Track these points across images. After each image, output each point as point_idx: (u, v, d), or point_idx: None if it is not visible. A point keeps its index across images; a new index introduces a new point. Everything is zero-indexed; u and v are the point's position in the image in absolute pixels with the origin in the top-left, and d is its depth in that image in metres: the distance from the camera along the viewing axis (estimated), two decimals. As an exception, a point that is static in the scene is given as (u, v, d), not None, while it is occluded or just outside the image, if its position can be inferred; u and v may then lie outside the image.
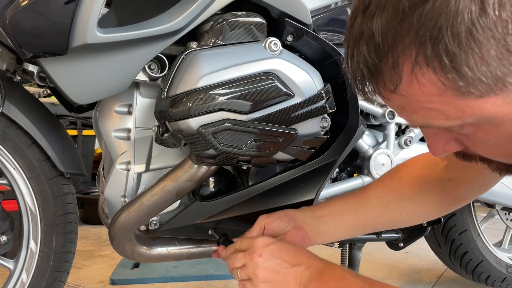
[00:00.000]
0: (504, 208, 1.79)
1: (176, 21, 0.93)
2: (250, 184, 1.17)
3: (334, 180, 1.37)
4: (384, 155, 1.31)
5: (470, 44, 0.47)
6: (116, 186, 1.10)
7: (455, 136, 0.60)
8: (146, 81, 1.02)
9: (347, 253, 1.47)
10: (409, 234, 1.37)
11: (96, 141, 2.82)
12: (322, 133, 1.05)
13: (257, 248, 0.89)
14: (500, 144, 0.57)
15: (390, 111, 1.32)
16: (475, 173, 0.93)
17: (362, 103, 1.28)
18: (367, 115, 1.35)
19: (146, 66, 0.98)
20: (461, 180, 0.96)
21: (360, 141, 1.29)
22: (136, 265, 2.08)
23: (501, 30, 0.46)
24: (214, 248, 1.17)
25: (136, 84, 1.06)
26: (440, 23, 0.47)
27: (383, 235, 1.37)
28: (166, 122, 0.97)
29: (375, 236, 1.36)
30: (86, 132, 3.00)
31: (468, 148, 0.62)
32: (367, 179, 1.32)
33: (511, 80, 0.49)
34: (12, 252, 1.17)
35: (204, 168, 1.04)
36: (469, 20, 0.46)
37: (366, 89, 0.57)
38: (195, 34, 1.02)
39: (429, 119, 0.55)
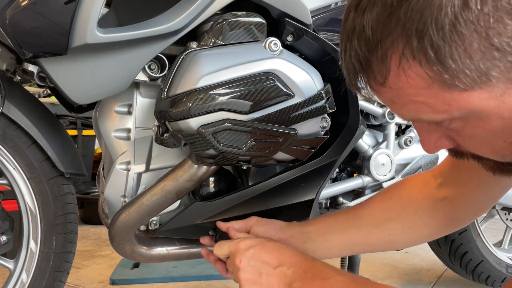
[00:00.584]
0: (504, 208, 1.79)
1: (176, 21, 0.93)
2: (250, 184, 1.17)
3: (334, 180, 1.37)
4: (384, 155, 1.31)
5: (453, 37, 0.49)
6: (116, 186, 1.10)
7: (446, 133, 0.61)
8: (146, 81, 1.02)
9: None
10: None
11: (96, 141, 2.82)
12: (322, 133, 1.05)
13: (238, 253, 0.87)
14: (488, 140, 0.58)
15: (390, 111, 1.32)
16: (469, 190, 0.90)
17: (362, 103, 1.28)
18: (367, 115, 1.35)
19: (146, 66, 0.98)
20: (455, 198, 0.92)
21: (360, 141, 1.29)
22: (136, 265, 2.08)
23: (483, 24, 0.48)
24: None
25: (136, 84, 1.06)
26: (425, 17, 0.49)
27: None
28: (166, 122, 0.97)
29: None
30: (86, 132, 3.00)
31: (459, 145, 0.62)
32: (367, 179, 1.32)
33: (495, 74, 0.50)
34: (12, 252, 1.17)
35: (204, 168, 1.04)
36: (452, 13, 0.48)
37: (359, 84, 0.59)
38: (195, 34, 1.02)
39: (418, 113, 0.56)
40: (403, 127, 1.43)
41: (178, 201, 1.11)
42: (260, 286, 0.84)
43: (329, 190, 1.29)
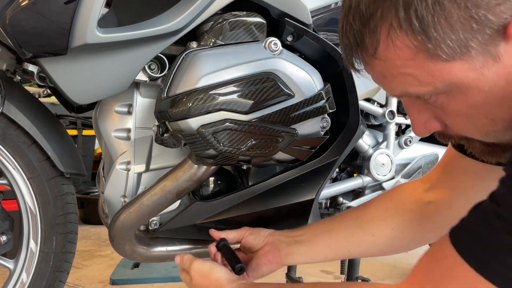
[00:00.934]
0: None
1: (176, 21, 0.93)
2: (250, 184, 1.17)
3: (334, 180, 1.37)
4: (384, 155, 1.31)
5: (436, 8, 0.53)
6: (116, 186, 1.10)
7: (434, 113, 0.64)
8: (146, 81, 1.02)
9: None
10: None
11: (96, 141, 2.82)
12: (322, 133, 1.05)
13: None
14: (471, 116, 0.60)
15: (390, 111, 1.32)
16: (456, 195, 0.89)
17: (362, 103, 1.28)
18: (367, 115, 1.35)
19: (146, 66, 0.98)
20: (441, 203, 0.92)
21: (360, 141, 1.29)
22: (136, 265, 2.08)
23: None
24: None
25: (136, 84, 1.06)
26: None
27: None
28: (166, 122, 0.97)
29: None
30: (86, 132, 3.00)
31: (447, 127, 0.65)
32: (367, 179, 1.32)
33: (474, 45, 0.54)
34: (12, 252, 1.17)
35: (204, 168, 1.04)
36: None
37: (354, 61, 0.64)
38: (195, 34, 1.02)
39: (406, 86, 0.60)
40: (403, 127, 1.43)
41: (178, 201, 1.11)
42: None
43: (329, 190, 1.29)
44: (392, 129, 1.34)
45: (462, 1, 0.53)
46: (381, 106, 1.33)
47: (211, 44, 0.97)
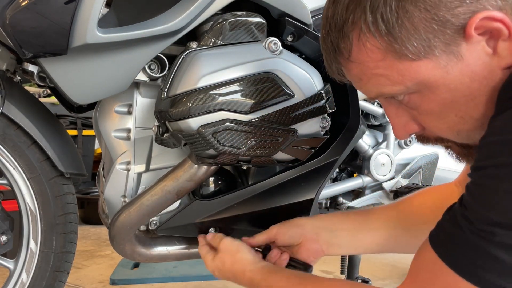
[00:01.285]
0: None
1: (176, 21, 0.93)
2: (250, 183, 1.16)
3: (334, 180, 1.37)
4: (384, 155, 1.31)
5: (399, 11, 0.58)
6: (116, 186, 1.09)
7: (411, 116, 0.68)
8: (146, 81, 1.02)
9: (347, 253, 1.47)
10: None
11: (96, 141, 2.82)
12: (322, 133, 1.05)
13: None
14: (443, 115, 0.64)
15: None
16: None
17: (363, 103, 1.28)
18: (367, 115, 1.35)
19: (146, 66, 0.98)
20: None
21: (360, 141, 1.29)
22: (136, 265, 2.08)
23: None
24: None
25: (136, 84, 1.06)
26: None
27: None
28: (166, 122, 0.97)
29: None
30: (86, 132, 3.00)
31: (424, 129, 0.69)
32: (367, 179, 1.32)
33: (437, 45, 0.59)
34: (12, 252, 1.17)
35: (204, 168, 1.04)
36: None
37: (334, 67, 0.69)
38: (195, 34, 1.02)
39: (380, 86, 0.64)
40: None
41: (178, 201, 1.11)
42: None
43: (329, 190, 1.29)
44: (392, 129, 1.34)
45: (422, 4, 0.58)
46: (381, 106, 1.33)
47: (211, 44, 0.97)
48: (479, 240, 0.55)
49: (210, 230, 1.12)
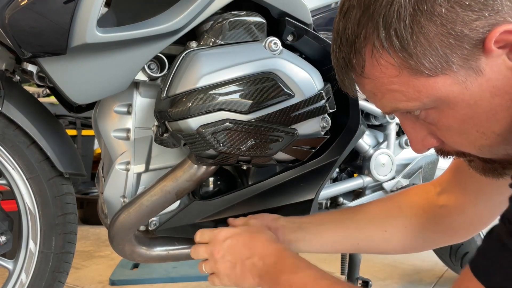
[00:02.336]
0: (505, 208, 1.79)
1: (175, 20, 0.93)
2: (250, 183, 1.16)
3: (334, 180, 1.37)
4: (385, 155, 1.31)
5: (413, 27, 0.56)
6: (115, 186, 1.09)
7: (429, 130, 0.66)
8: (145, 81, 1.02)
9: (347, 253, 1.46)
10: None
11: (96, 141, 2.82)
12: (322, 133, 1.05)
13: (216, 243, 0.92)
14: (463, 130, 0.62)
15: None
16: (469, 200, 0.90)
17: (363, 103, 1.28)
18: (367, 115, 1.35)
19: (145, 65, 0.98)
20: (453, 207, 0.92)
21: (360, 141, 1.29)
22: (136, 266, 2.08)
23: (438, 13, 0.55)
24: None
25: (136, 84, 1.06)
26: (392, 10, 0.57)
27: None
28: (166, 122, 0.97)
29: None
30: (85, 132, 3.00)
31: (443, 143, 0.67)
32: (367, 179, 1.32)
33: (455, 60, 0.57)
34: (11, 252, 1.17)
35: (203, 168, 1.03)
36: (411, 5, 0.56)
37: (346, 82, 0.67)
38: (195, 34, 1.02)
39: (395, 102, 0.63)
40: (404, 127, 1.42)
41: (178, 201, 1.11)
42: (234, 277, 0.89)
43: (329, 190, 1.29)
44: (392, 129, 1.34)
45: (438, 18, 0.55)
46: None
47: (211, 43, 0.96)
48: None
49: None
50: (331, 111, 1.03)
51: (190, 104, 0.91)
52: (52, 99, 1.81)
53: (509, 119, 0.59)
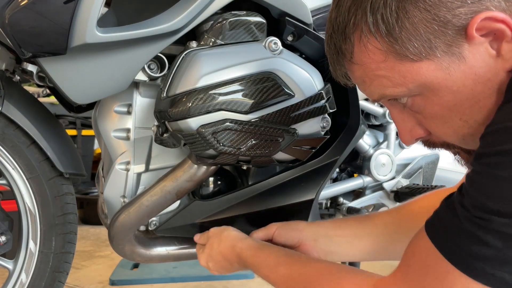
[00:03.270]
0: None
1: (175, 20, 0.93)
2: (250, 183, 1.16)
3: (335, 180, 1.37)
4: (385, 155, 1.31)
5: (399, 12, 0.58)
6: (115, 186, 1.09)
7: (416, 120, 0.67)
8: (145, 81, 1.02)
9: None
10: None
11: (96, 141, 2.82)
12: (323, 133, 1.05)
13: (207, 241, 1.00)
14: (447, 119, 0.63)
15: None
16: None
17: (363, 103, 1.28)
18: (367, 115, 1.35)
19: (145, 65, 0.98)
20: None
21: (360, 141, 1.29)
22: (136, 266, 2.08)
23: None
24: None
25: (136, 84, 1.06)
26: None
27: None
28: (166, 122, 0.97)
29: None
30: (85, 132, 3.00)
31: (430, 134, 0.69)
32: (367, 179, 1.32)
33: (439, 46, 0.58)
34: (11, 252, 1.17)
35: (204, 168, 1.03)
36: None
37: (338, 71, 0.69)
38: (195, 34, 1.02)
39: (382, 88, 0.64)
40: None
41: (178, 201, 1.11)
42: (222, 269, 0.97)
43: (329, 190, 1.29)
44: (392, 129, 1.34)
45: (423, 4, 0.57)
46: (382, 106, 1.33)
47: (211, 43, 0.96)
48: (475, 227, 0.54)
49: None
50: (331, 111, 1.03)
51: (190, 104, 0.91)
52: (52, 99, 1.81)
53: (491, 107, 0.60)
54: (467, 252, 0.55)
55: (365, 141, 1.32)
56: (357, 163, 1.36)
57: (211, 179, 1.13)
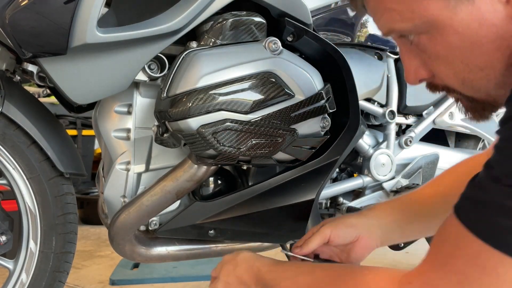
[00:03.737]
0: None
1: (176, 20, 0.93)
2: (250, 184, 1.16)
3: (335, 180, 1.37)
4: (385, 155, 1.31)
5: None
6: (115, 186, 1.09)
7: (422, 60, 0.68)
8: (146, 81, 1.02)
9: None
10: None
11: (96, 141, 2.82)
12: (322, 133, 1.05)
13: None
14: (449, 60, 0.63)
15: (391, 111, 1.32)
16: None
17: (363, 103, 1.28)
18: (367, 115, 1.35)
19: (146, 66, 0.98)
20: None
21: (360, 141, 1.29)
22: (136, 266, 2.08)
23: None
24: (214, 247, 1.17)
25: (136, 84, 1.06)
26: None
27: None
28: (166, 122, 0.97)
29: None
30: (85, 132, 3.00)
31: (433, 76, 0.69)
32: (367, 179, 1.32)
33: None
34: (12, 252, 1.17)
35: (204, 168, 1.03)
36: None
37: (358, 2, 0.69)
38: (195, 34, 1.02)
39: (391, 22, 0.65)
40: (404, 127, 1.42)
41: (178, 201, 1.11)
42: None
43: (329, 190, 1.29)
44: (392, 129, 1.34)
45: None
46: (382, 106, 1.33)
47: (211, 44, 0.97)
48: (506, 198, 0.50)
49: (210, 232, 1.11)
50: (331, 111, 1.03)
51: (190, 104, 0.91)
52: (52, 99, 1.81)
53: (492, 53, 0.60)
54: (500, 227, 0.52)
55: (365, 141, 1.32)
56: (357, 163, 1.36)
57: (211, 179, 1.13)
